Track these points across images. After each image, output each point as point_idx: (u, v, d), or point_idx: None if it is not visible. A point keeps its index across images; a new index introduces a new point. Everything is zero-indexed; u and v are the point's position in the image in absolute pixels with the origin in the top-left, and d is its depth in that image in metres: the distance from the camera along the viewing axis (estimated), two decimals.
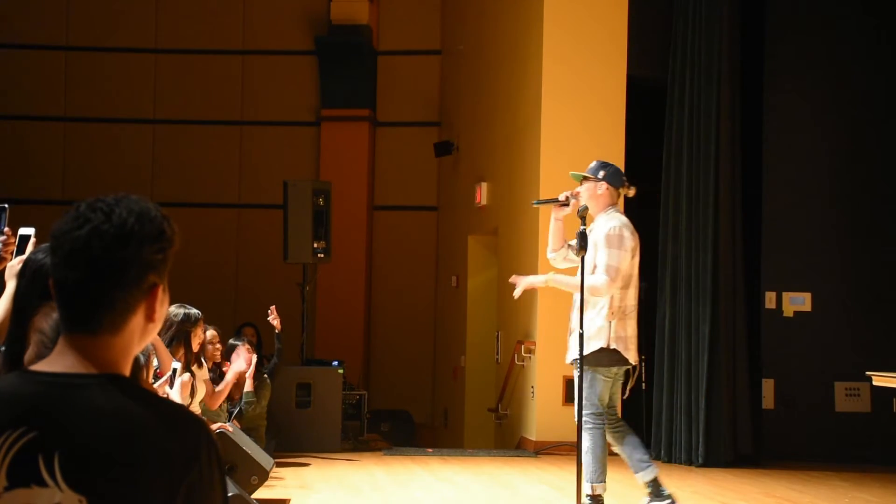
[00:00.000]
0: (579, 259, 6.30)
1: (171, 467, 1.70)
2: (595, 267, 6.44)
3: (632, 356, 6.53)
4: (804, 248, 10.62)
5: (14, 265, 2.84)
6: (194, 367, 6.83)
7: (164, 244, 1.81)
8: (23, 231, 3.30)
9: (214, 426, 7.00)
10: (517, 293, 6.83)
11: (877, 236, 10.60)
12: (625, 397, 6.76)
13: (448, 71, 14.40)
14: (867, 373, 7.63)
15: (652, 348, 10.36)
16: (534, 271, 10.56)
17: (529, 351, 10.73)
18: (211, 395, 7.38)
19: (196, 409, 6.73)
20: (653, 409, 10.25)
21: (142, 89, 14.29)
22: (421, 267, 14.39)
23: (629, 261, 6.49)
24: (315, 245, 10.97)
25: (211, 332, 8.24)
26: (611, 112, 10.53)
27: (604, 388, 6.52)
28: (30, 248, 3.19)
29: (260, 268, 13.78)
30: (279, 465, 8.59)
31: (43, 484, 1.68)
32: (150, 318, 1.82)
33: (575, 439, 6.72)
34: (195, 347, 6.75)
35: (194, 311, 6.55)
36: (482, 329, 12.42)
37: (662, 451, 9.97)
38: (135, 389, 1.77)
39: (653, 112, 10.50)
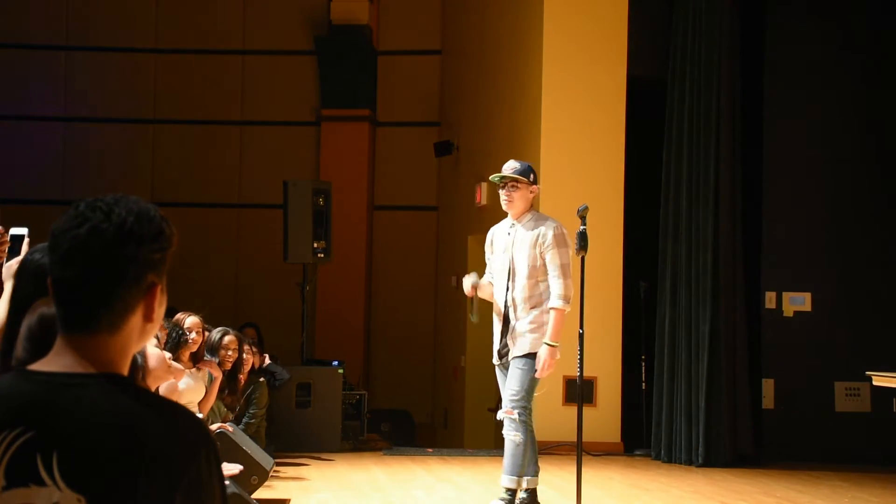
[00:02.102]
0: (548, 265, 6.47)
1: (170, 467, 1.70)
2: (533, 268, 6.52)
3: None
4: (804, 248, 10.62)
5: (11, 265, 2.84)
6: (192, 370, 6.84)
7: (163, 244, 1.81)
8: (15, 231, 3.28)
9: (214, 426, 7.00)
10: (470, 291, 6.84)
11: (877, 236, 10.59)
12: None
13: (448, 71, 14.40)
14: (867, 373, 7.63)
15: (652, 348, 10.37)
16: None
17: None
18: (202, 398, 7.36)
19: (194, 409, 6.73)
20: (653, 409, 10.25)
21: (142, 89, 14.29)
22: (421, 267, 14.39)
23: (572, 255, 6.61)
24: (315, 245, 10.96)
25: (229, 338, 8.24)
26: (611, 112, 10.53)
27: (537, 385, 6.66)
28: (25, 247, 3.17)
29: (260, 268, 13.78)
30: (279, 464, 8.59)
31: (41, 483, 1.68)
32: (148, 317, 1.82)
33: (575, 439, 6.73)
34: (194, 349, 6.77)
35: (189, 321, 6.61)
36: (482, 329, 12.40)
37: (662, 451, 9.97)
38: (133, 389, 1.77)
39: (653, 112, 10.50)
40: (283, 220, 11.09)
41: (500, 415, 6.62)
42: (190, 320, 7.82)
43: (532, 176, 6.65)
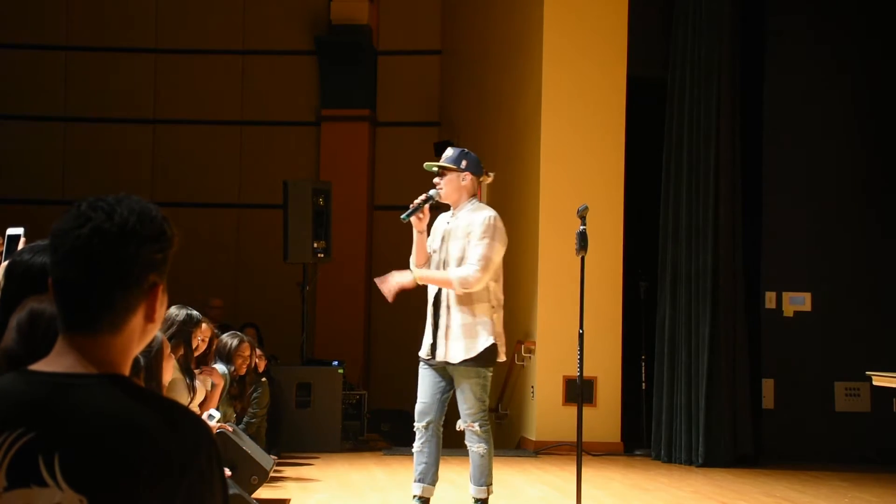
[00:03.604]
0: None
1: (172, 467, 1.70)
2: (462, 259, 6.21)
3: (503, 353, 6.34)
4: (804, 248, 10.62)
5: (5, 265, 2.83)
6: (196, 371, 6.82)
7: (165, 244, 1.81)
8: (11, 231, 3.27)
9: (215, 426, 7.00)
10: (390, 296, 6.54)
11: (877, 236, 10.59)
12: None
13: (448, 71, 14.40)
14: (867, 373, 7.63)
15: (652, 348, 10.37)
16: (534, 271, 10.57)
17: (529, 351, 10.73)
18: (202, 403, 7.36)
19: (195, 410, 6.72)
20: (653, 409, 10.25)
21: (142, 89, 14.29)
22: None
23: (502, 253, 6.30)
24: (315, 245, 10.96)
25: (244, 345, 8.23)
26: (611, 112, 10.53)
27: (489, 385, 6.35)
28: (20, 247, 3.16)
29: (260, 268, 13.78)
30: (279, 464, 8.59)
31: (43, 484, 1.67)
32: (149, 318, 1.82)
33: (575, 439, 6.72)
34: (195, 346, 6.75)
35: (196, 312, 6.54)
36: None
37: (662, 451, 9.97)
38: (135, 389, 1.77)
39: (653, 112, 10.50)
40: (283, 220, 11.09)
41: (459, 425, 6.33)
42: (242, 345, 7.87)
43: (464, 163, 6.39)
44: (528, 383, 10.74)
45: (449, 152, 6.53)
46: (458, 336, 6.20)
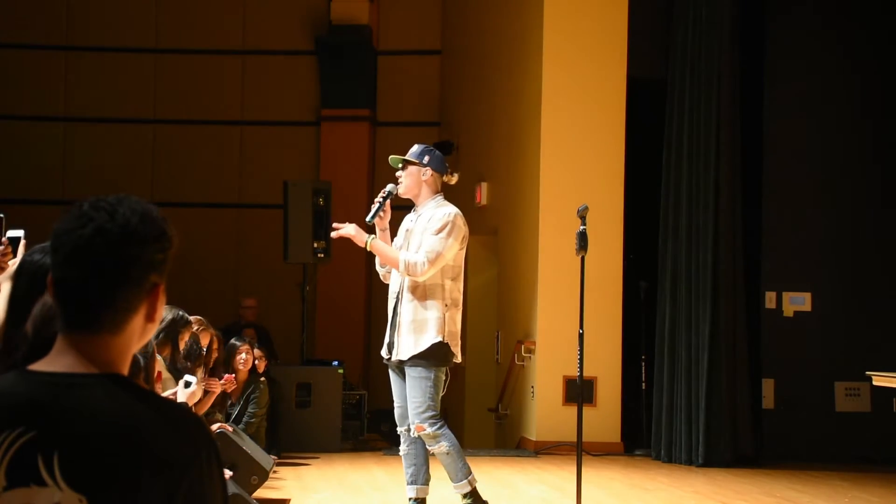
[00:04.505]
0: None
1: (171, 467, 1.70)
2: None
3: (458, 353, 6.25)
4: (804, 248, 10.62)
5: (9, 266, 2.83)
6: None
7: (165, 244, 1.81)
8: (12, 233, 3.27)
9: (214, 426, 7.00)
10: (335, 234, 6.47)
11: (877, 236, 10.60)
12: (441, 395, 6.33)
13: (448, 71, 14.40)
14: (867, 373, 7.63)
15: (652, 348, 10.37)
16: (534, 271, 10.57)
17: (529, 351, 10.73)
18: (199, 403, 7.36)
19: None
20: (653, 409, 10.25)
21: (142, 89, 14.29)
22: None
23: (457, 251, 6.22)
24: (315, 245, 10.96)
25: (245, 347, 8.23)
26: (611, 112, 10.53)
27: (441, 387, 6.22)
28: (21, 249, 3.16)
29: (260, 268, 13.77)
30: (279, 464, 8.59)
31: (42, 483, 1.68)
32: (150, 318, 1.82)
33: (575, 439, 6.72)
34: (181, 347, 6.76)
35: (184, 315, 6.54)
36: (482, 329, 12.41)
37: (662, 451, 9.97)
38: (134, 389, 1.77)
39: (653, 112, 10.50)
40: (283, 220, 11.09)
41: (413, 431, 6.23)
42: (244, 348, 7.85)
43: (426, 158, 6.35)
44: (528, 383, 10.74)
45: (414, 148, 6.51)
46: (408, 332, 6.15)
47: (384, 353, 6.41)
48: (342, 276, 13.52)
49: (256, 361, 8.98)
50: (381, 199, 6.34)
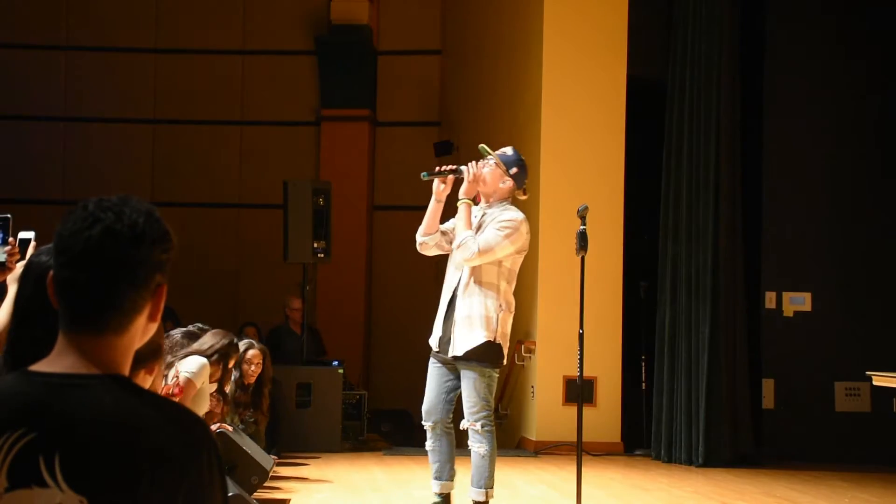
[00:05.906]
0: (479, 252, 6.03)
1: (172, 467, 1.70)
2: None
3: (506, 356, 6.24)
4: (804, 248, 10.63)
5: (16, 269, 2.83)
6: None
7: (169, 244, 1.82)
8: (23, 235, 3.26)
9: (214, 426, 7.00)
10: (449, 168, 6.46)
11: (877, 236, 10.60)
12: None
13: (448, 71, 14.40)
14: (867, 373, 7.63)
15: (652, 348, 10.37)
16: (534, 271, 10.57)
17: (529, 351, 10.73)
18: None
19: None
20: (653, 409, 10.25)
21: (142, 89, 14.28)
22: (421, 267, 14.34)
23: (512, 254, 6.18)
24: (315, 245, 10.96)
25: (253, 352, 8.17)
26: (611, 112, 10.53)
27: (495, 387, 6.21)
28: (30, 250, 3.15)
29: (260, 268, 13.77)
30: (279, 464, 8.59)
31: (44, 485, 1.68)
32: (152, 317, 1.82)
33: (575, 439, 6.72)
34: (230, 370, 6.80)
35: (236, 341, 6.60)
36: None
37: (662, 451, 9.98)
38: (135, 389, 1.77)
39: (653, 112, 10.51)
40: (283, 220, 11.09)
41: (463, 424, 6.20)
42: (252, 353, 7.84)
43: (514, 170, 6.34)
44: (528, 383, 10.74)
45: (510, 152, 6.47)
46: (464, 326, 6.12)
47: (433, 344, 6.34)
48: (342, 276, 13.52)
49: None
50: (446, 170, 6.35)
